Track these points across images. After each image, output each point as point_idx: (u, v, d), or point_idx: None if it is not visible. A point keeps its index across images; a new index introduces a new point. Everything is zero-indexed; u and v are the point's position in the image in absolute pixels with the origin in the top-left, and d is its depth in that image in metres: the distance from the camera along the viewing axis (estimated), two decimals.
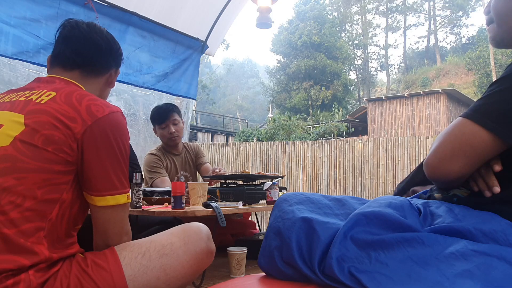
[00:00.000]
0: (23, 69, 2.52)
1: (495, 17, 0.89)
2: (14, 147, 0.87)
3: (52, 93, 0.96)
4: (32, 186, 0.85)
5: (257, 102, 42.00)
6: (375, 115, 17.28)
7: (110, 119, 0.96)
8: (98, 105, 0.96)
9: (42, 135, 0.88)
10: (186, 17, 3.39)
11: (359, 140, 7.18)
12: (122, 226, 0.99)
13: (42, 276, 0.83)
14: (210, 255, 1.07)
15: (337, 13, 31.39)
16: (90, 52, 1.10)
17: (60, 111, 0.91)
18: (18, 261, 0.80)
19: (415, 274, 0.63)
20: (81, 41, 1.09)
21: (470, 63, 20.50)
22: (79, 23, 1.11)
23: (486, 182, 0.78)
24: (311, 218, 0.75)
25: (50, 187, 0.87)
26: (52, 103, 0.93)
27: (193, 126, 17.96)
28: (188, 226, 1.08)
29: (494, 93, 0.77)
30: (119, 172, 0.97)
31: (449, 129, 0.80)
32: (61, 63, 1.09)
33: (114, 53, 1.17)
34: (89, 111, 0.93)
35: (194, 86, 3.66)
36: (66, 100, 0.94)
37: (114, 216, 0.97)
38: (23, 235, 0.82)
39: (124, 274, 0.90)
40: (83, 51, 1.09)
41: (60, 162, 0.89)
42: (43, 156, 0.87)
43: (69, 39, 1.09)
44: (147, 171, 2.53)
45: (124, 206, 0.99)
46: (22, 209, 0.83)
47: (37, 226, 0.85)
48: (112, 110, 0.98)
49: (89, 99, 0.96)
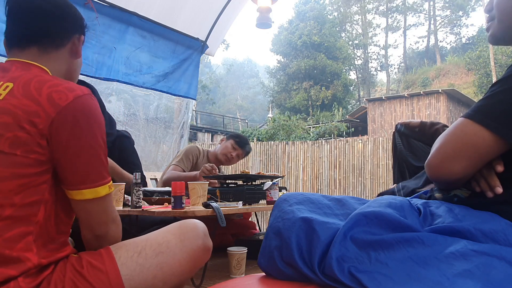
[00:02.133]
0: None
1: (498, 13, 0.89)
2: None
3: (9, 85, 0.86)
4: (8, 194, 0.81)
5: (257, 102, 42.01)
6: (375, 115, 17.28)
7: (76, 105, 0.86)
8: (60, 91, 0.86)
9: (7, 139, 0.81)
10: (186, 17, 3.39)
11: (359, 140, 7.18)
12: (107, 215, 0.94)
13: (32, 281, 0.81)
14: (207, 251, 1.06)
15: (337, 13, 31.39)
16: (40, 22, 0.96)
17: (21, 107, 0.83)
18: (5, 273, 0.78)
19: (415, 274, 0.63)
20: (26, 12, 0.95)
21: (470, 63, 20.51)
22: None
23: (488, 183, 0.78)
24: (311, 218, 0.75)
25: (28, 191, 0.83)
26: (11, 98, 0.84)
27: (193, 126, 17.96)
28: (184, 223, 1.06)
29: (496, 94, 0.77)
30: (95, 162, 0.89)
31: (451, 129, 0.80)
32: (15, 42, 0.97)
33: (70, 17, 1.02)
34: (51, 101, 0.84)
35: (194, 86, 3.66)
36: (25, 92, 0.85)
37: (95, 209, 0.91)
38: (8, 244, 0.80)
39: (120, 273, 0.89)
40: (32, 22, 0.96)
41: (33, 164, 0.83)
42: (13, 161, 0.81)
43: (15, 14, 0.96)
44: (178, 156, 2.72)
45: (105, 197, 0.92)
46: (1, 218, 0.80)
47: (23, 232, 0.82)
48: (77, 94, 0.87)
49: (49, 85, 0.86)
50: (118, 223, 0.99)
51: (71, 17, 1.02)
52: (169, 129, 3.82)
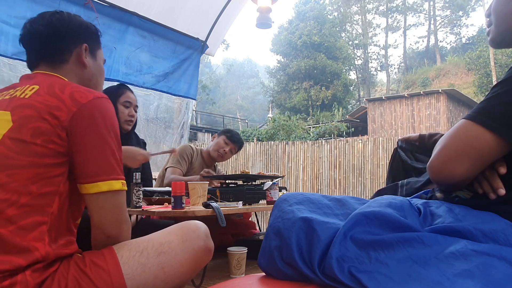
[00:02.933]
0: (23, 69, 2.52)
1: (494, 18, 0.90)
2: (3, 144, 0.87)
3: (35, 87, 0.95)
4: (25, 182, 0.85)
5: (257, 102, 42.00)
6: (375, 115, 17.28)
7: (95, 104, 0.94)
8: (81, 92, 0.94)
9: (29, 129, 0.87)
10: (186, 17, 3.39)
11: (359, 140, 7.18)
12: (120, 213, 0.96)
13: (39, 276, 0.83)
14: (208, 252, 1.07)
15: (337, 13, 31.38)
16: (40, 45, 1.07)
17: (44, 103, 0.90)
18: (14, 261, 0.80)
19: (415, 274, 0.63)
20: (28, 37, 1.08)
21: (470, 63, 20.49)
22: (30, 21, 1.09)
23: (490, 185, 0.78)
24: (311, 218, 0.75)
25: (44, 181, 0.87)
26: (36, 96, 0.92)
27: (193, 126, 17.96)
28: (186, 224, 1.07)
29: (498, 95, 0.77)
30: (110, 157, 0.94)
31: (453, 131, 0.80)
32: (29, 63, 1.10)
33: (67, 35, 1.09)
34: (73, 98, 0.92)
35: (194, 86, 3.66)
36: (49, 91, 0.93)
37: (110, 203, 0.94)
38: (21, 233, 0.82)
39: (122, 272, 0.90)
40: (35, 46, 1.08)
41: (51, 155, 0.88)
42: (32, 150, 0.86)
43: (23, 40, 1.09)
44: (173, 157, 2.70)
45: (119, 193, 0.95)
46: (18, 205, 0.83)
47: (38, 221, 0.85)
48: (96, 96, 0.95)
49: (72, 87, 0.95)
50: (130, 225, 1.01)
51: (69, 33, 1.10)
52: (169, 129, 3.82)
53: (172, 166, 2.64)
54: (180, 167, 2.65)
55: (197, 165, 2.78)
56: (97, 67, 1.17)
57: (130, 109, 2.09)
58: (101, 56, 1.20)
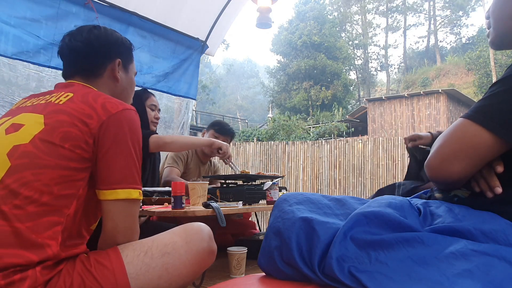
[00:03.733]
0: (23, 69, 2.52)
1: (493, 20, 0.90)
2: (33, 144, 0.90)
3: (69, 94, 1.01)
4: (49, 181, 0.88)
5: (257, 102, 41.99)
6: (375, 115, 17.28)
7: (124, 115, 0.99)
8: (112, 103, 1.00)
9: (60, 133, 0.92)
10: (186, 17, 3.39)
11: (359, 140, 7.18)
12: (133, 222, 0.99)
13: (48, 273, 0.84)
14: (212, 254, 1.08)
15: (337, 13, 31.38)
16: (76, 60, 1.14)
17: (77, 110, 0.96)
18: (27, 256, 0.82)
19: (415, 273, 0.63)
20: (67, 52, 1.14)
21: (470, 63, 20.49)
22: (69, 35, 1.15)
23: (488, 183, 0.78)
24: (311, 218, 0.75)
25: (67, 184, 0.90)
26: (70, 103, 0.98)
27: (193, 126, 17.95)
28: (190, 225, 1.08)
29: (496, 94, 0.77)
30: (132, 166, 0.98)
31: (451, 130, 0.80)
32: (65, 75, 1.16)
33: (102, 51, 1.16)
34: (104, 108, 0.97)
35: (194, 86, 3.66)
36: (83, 99, 0.99)
37: (125, 211, 0.97)
38: (36, 230, 0.84)
39: (126, 272, 0.91)
40: (72, 61, 1.15)
41: (76, 159, 0.92)
42: (60, 153, 0.90)
43: (60, 54, 1.16)
44: (170, 158, 2.69)
45: (136, 202, 0.99)
46: (39, 204, 0.86)
47: (54, 221, 0.87)
48: (126, 107, 1.01)
49: (105, 97, 1.01)
50: (138, 235, 1.03)
51: (105, 50, 1.16)
52: (169, 129, 3.81)
53: (170, 166, 2.62)
54: (177, 166, 2.64)
55: (193, 164, 2.77)
56: (128, 80, 1.25)
57: (155, 112, 2.33)
58: (133, 69, 1.28)
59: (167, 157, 2.70)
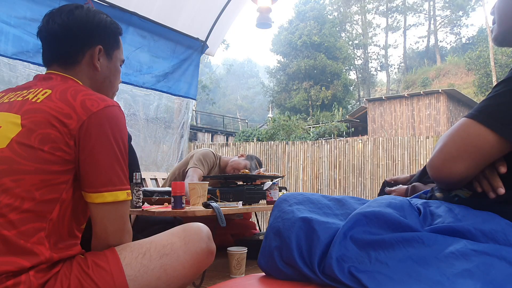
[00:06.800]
0: (23, 69, 2.52)
1: (497, 17, 0.90)
2: (10, 149, 0.86)
3: (47, 91, 0.94)
4: (30, 187, 0.84)
5: (257, 102, 41.99)
6: (375, 115, 17.28)
7: (106, 113, 0.92)
8: (92, 100, 0.93)
9: (38, 135, 0.87)
10: (186, 17, 3.39)
11: (359, 140, 7.18)
12: (123, 223, 0.96)
13: (42, 277, 0.83)
14: (211, 255, 1.07)
15: (337, 13, 31.39)
16: (54, 45, 1.05)
17: (55, 109, 0.89)
18: (18, 263, 0.80)
19: (415, 273, 0.63)
20: (45, 36, 1.05)
21: (470, 63, 20.50)
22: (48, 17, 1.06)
23: (490, 183, 0.78)
24: (311, 218, 0.75)
25: (49, 188, 0.86)
26: (48, 101, 0.91)
27: (193, 126, 17.95)
28: (188, 226, 1.07)
29: (500, 94, 0.77)
30: (117, 168, 0.93)
31: (454, 129, 0.80)
32: (44, 61, 1.08)
33: (81, 36, 1.06)
34: (84, 106, 0.91)
35: (194, 86, 3.66)
36: (61, 97, 0.92)
37: (113, 214, 0.93)
38: (23, 236, 0.82)
39: (124, 274, 0.90)
40: (49, 45, 1.06)
41: (58, 162, 0.87)
42: (39, 156, 0.86)
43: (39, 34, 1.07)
44: (197, 159, 2.66)
45: (124, 203, 0.95)
46: (20, 211, 0.82)
47: (37, 227, 0.84)
48: (108, 104, 0.94)
49: (84, 94, 0.94)
50: (131, 236, 1.01)
51: (83, 34, 1.06)
52: (169, 129, 3.82)
53: (195, 166, 2.59)
54: (202, 168, 2.61)
55: (214, 173, 2.77)
56: (112, 68, 1.14)
57: None
58: (118, 56, 1.17)
59: (194, 157, 2.67)
